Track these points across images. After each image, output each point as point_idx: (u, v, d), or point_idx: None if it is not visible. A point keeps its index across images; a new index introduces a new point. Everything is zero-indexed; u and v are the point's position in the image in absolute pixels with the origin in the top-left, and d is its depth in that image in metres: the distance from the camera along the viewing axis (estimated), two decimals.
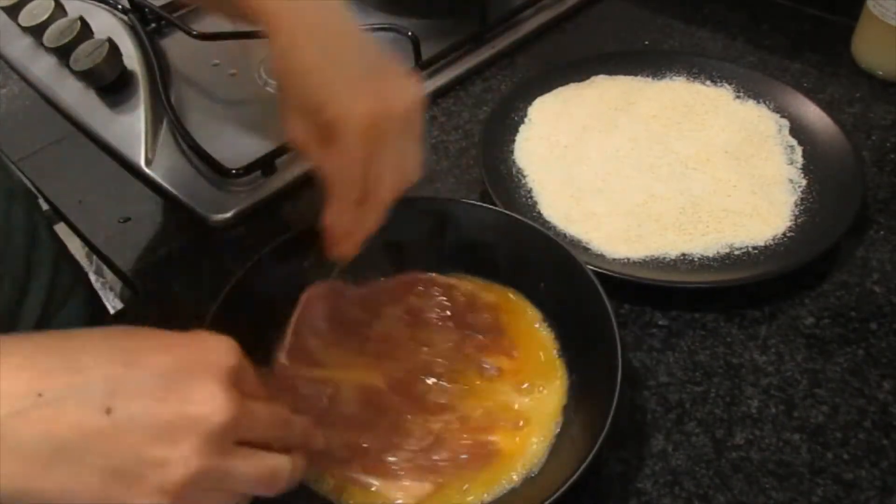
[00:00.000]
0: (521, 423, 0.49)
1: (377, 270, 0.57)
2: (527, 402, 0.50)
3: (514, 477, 0.46)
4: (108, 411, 0.32)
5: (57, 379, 0.32)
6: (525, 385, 0.51)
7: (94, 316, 0.74)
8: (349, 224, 0.47)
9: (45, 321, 0.66)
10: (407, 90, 0.46)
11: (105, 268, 0.67)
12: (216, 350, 0.36)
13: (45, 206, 0.78)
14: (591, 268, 0.52)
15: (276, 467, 0.37)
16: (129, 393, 0.33)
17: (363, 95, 0.44)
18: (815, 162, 0.64)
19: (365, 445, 0.48)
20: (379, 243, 0.57)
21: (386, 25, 0.79)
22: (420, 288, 0.56)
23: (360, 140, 0.44)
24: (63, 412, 0.32)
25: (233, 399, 0.35)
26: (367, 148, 0.44)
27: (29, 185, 0.75)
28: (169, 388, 0.34)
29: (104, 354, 0.34)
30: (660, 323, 0.56)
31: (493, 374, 0.51)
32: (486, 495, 0.46)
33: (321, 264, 0.55)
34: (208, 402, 0.34)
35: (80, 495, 0.32)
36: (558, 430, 0.48)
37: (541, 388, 0.50)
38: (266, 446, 0.37)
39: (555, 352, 0.52)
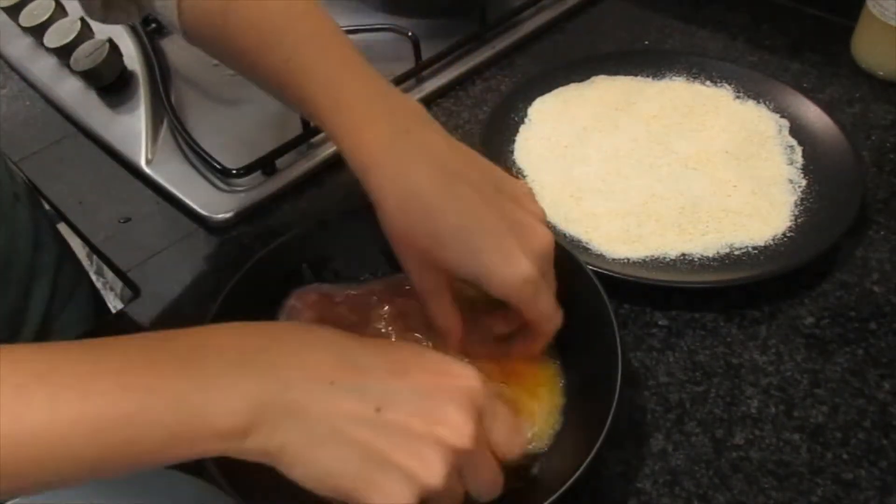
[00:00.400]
0: (521, 423, 0.49)
1: (376, 270, 0.57)
2: (526, 402, 0.50)
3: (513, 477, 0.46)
4: (378, 410, 0.36)
5: (346, 373, 0.37)
6: (523, 384, 0.50)
7: (97, 314, 0.74)
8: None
9: (50, 319, 0.66)
10: (541, 226, 0.45)
11: (105, 268, 0.67)
12: (470, 381, 0.39)
13: (44, 207, 0.78)
14: (591, 268, 0.52)
15: (497, 483, 0.41)
16: (396, 401, 0.37)
17: (513, 261, 0.43)
18: (815, 162, 0.64)
19: None
20: (376, 244, 0.57)
21: (386, 25, 0.79)
22: (408, 288, 0.56)
23: (534, 299, 0.44)
24: (345, 401, 0.36)
25: (477, 432, 0.38)
26: (544, 298, 0.45)
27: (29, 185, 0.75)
28: (424, 405, 0.37)
29: (381, 362, 0.39)
30: (660, 323, 0.56)
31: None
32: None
33: (320, 267, 0.56)
34: (456, 428, 0.37)
35: (338, 477, 0.36)
36: (558, 429, 0.48)
37: (540, 388, 0.50)
38: None
39: (554, 353, 0.52)
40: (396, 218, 0.44)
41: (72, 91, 0.79)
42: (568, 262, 0.52)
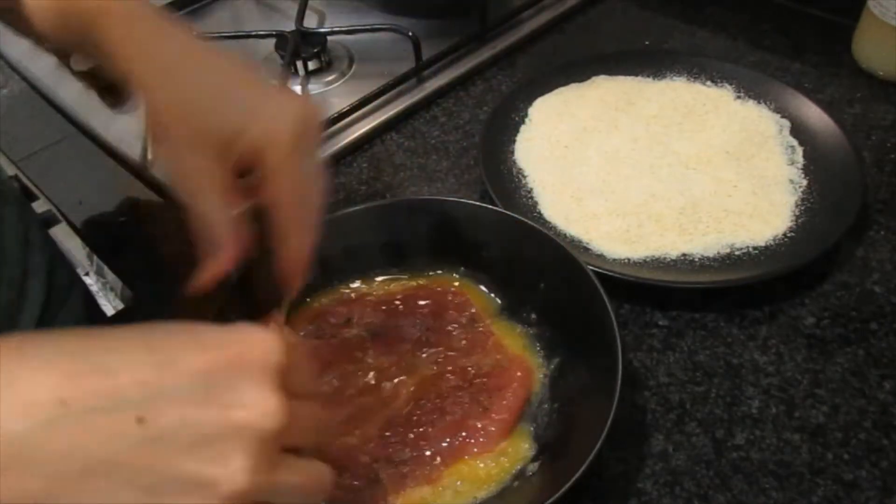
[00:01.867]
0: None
1: (376, 270, 0.57)
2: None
3: (512, 477, 0.46)
4: (141, 421, 0.28)
5: (83, 385, 0.28)
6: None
7: (92, 316, 0.74)
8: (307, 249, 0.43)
9: (45, 322, 0.66)
10: (306, 100, 0.44)
11: (105, 268, 0.67)
12: (259, 345, 0.32)
13: (44, 207, 0.78)
14: (591, 268, 0.52)
15: (321, 476, 0.34)
16: (163, 400, 0.29)
17: (284, 105, 0.41)
18: (816, 162, 0.64)
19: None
20: (378, 244, 0.57)
21: (386, 25, 0.79)
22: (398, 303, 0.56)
23: (295, 152, 0.41)
24: (91, 424, 0.28)
25: (282, 402, 0.31)
26: (306, 161, 0.42)
27: (29, 185, 0.75)
28: (209, 393, 0.30)
29: (134, 355, 0.30)
30: (660, 323, 0.56)
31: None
32: (481, 493, 0.46)
33: (321, 268, 0.56)
34: (255, 406, 0.30)
35: None
36: (558, 429, 0.48)
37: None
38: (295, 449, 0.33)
39: (554, 351, 0.52)
40: (159, 87, 0.42)
41: (72, 91, 0.79)
42: (568, 262, 0.52)
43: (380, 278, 0.57)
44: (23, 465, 0.27)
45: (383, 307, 0.55)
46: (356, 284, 0.57)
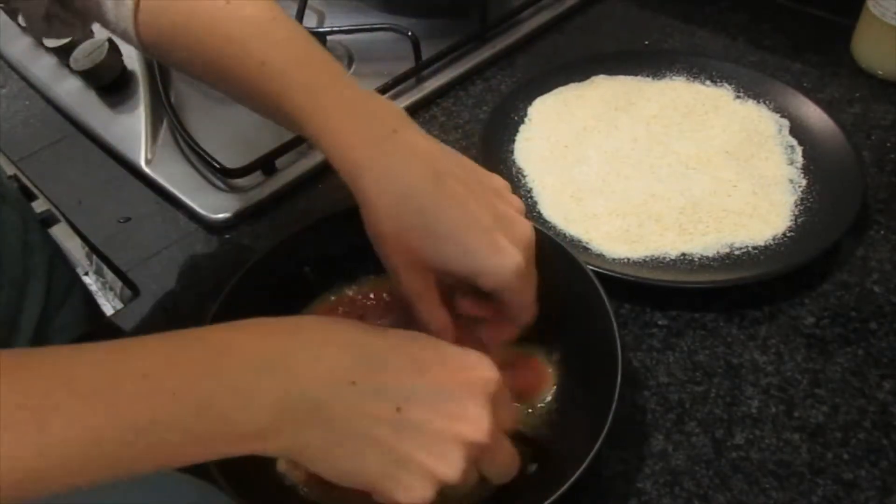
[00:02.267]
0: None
1: (377, 270, 0.57)
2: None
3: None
4: (399, 410, 0.37)
5: (366, 374, 0.38)
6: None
7: (92, 316, 0.74)
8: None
9: (46, 321, 0.66)
10: (522, 220, 0.46)
11: (105, 268, 0.67)
12: (486, 372, 0.40)
13: (44, 207, 0.78)
14: (591, 268, 0.52)
15: (513, 464, 0.43)
16: (416, 400, 0.38)
17: (505, 252, 0.44)
18: (816, 162, 0.64)
19: None
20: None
21: (386, 25, 0.79)
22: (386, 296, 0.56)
23: (524, 289, 0.45)
24: (366, 402, 0.37)
25: (493, 425, 0.39)
26: (529, 288, 0.46)
27: (29, 184, 0.75)
28: (446, 403, 0.38)
29: (401, 359, 0.39)
30: (660, 323, 0.56)
31: None
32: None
33: (321, 267, 0.56)
34: (475, 423, 0.38)
35: (360, 475, 0.37)
36: (558, 429, 0.48)
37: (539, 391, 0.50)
38: None
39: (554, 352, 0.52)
40: (389, 218, 0.44)
41: (71, 91, 0.79)
42: (568, 262, 0.52)
43: (374, 276, 0.57)
44: (310, 421, 0.36)
45: (386, 306, 0.55)
46: (362, 284, 0.57)
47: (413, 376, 0.39)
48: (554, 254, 0.53)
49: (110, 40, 0.78)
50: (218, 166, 0.67)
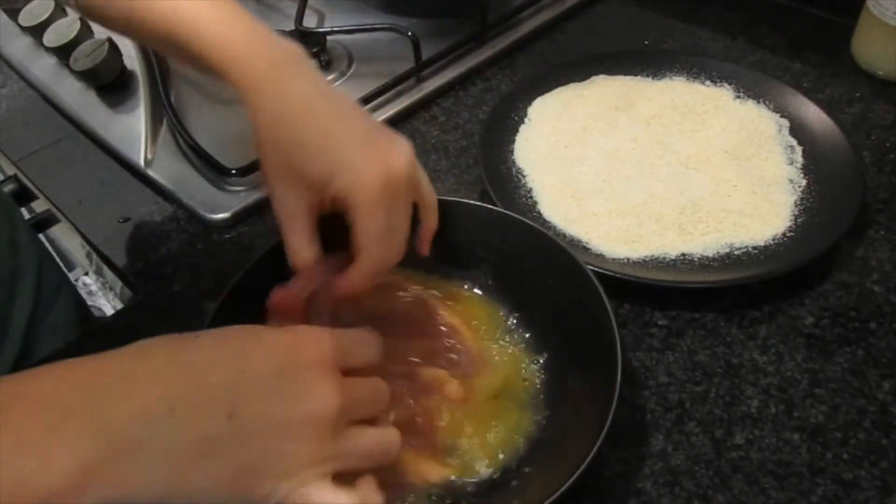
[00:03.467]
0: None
1: None
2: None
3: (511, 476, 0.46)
4: (230, 417, 0.35)
5: (187, 391, 0.35)
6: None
7: (82, 317, 0.74)
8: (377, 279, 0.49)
9: (35, 324, 0.66)
10: (403, 150, 0.47)
11: (105, 268, 0.67)
12: (313, 344, 0.39)
13: (44, 207, 0.78)
14: (591, 268, 0.52)
15: (387, 440, 0.41)
16: (247, 396, 0.36)
17: (369, 163, 0.45)
18: (815, 162, 0.64)
19: None
20: None
21: (386, 25, 0.79)
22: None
23: (377, 207, 0.45)
24: (191, 425, 0.34)
25: (339, 388, 0.37)
26: (384, 213, 0.46)
27: (29, 184, 0.75)
28: (281, 388, 0.36)
29: (221, 355, 0.37)
30: (660, 323, 0.56)
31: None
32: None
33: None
34: (319, 396, 0.37)
35: (215, 491, 0.35)
36: (557, 430, 0.48)
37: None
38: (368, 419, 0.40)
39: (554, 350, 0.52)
40: (268, 130, 0.46)
41: (71, 91, 0.79)
42: (568, 262, 0.52)
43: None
44: (133, 461, 0.32)
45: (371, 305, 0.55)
46: None
47: (234, 372, 0.36)
48: (553, 253, 0.53)
49: (110, 40, 0.78)
50: (217, 166, 0.67)
